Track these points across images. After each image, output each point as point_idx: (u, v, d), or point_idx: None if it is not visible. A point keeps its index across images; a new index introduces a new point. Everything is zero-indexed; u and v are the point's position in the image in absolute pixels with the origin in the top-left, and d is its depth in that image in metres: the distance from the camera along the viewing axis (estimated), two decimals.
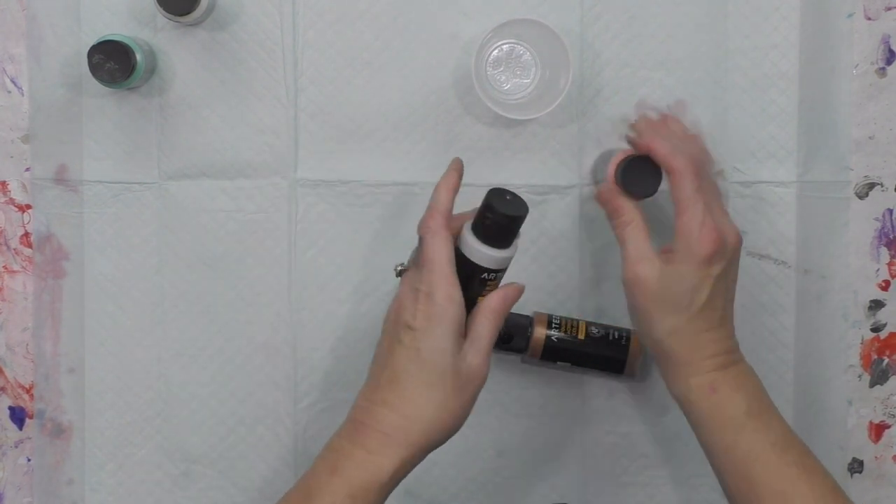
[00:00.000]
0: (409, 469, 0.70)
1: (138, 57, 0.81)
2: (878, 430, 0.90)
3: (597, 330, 0.86)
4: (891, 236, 0.90)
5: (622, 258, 0.75)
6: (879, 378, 0.90)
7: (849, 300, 0.90)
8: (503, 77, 0.87)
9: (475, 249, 0.71)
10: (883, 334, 0.90)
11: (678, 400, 0.75)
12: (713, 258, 0.72)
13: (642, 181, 0.78)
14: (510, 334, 0.85)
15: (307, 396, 0.88)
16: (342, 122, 0.87)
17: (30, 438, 0.88)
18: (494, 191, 0.71)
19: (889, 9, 0.88)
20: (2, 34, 0.87)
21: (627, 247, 0.75)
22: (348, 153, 0.87)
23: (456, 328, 0.70)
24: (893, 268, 0.90)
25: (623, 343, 0.86)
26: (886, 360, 0.90)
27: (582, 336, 0.85)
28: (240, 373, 0.88)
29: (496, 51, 0.86)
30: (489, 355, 0.71)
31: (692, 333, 0.73)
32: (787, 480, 0.71)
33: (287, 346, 0.88)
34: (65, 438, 0.88)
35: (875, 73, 0.89)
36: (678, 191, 0.74)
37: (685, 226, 0.73)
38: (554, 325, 0.85)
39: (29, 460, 0.88)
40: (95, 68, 0.80)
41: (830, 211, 0.89)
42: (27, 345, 0.88)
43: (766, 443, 0.72)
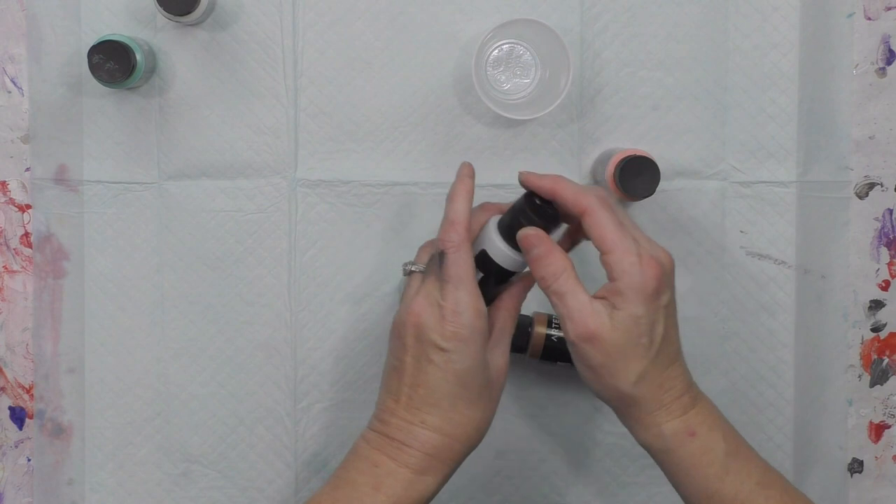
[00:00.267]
0: (448, 479, 0.72)
1: (138, 57, 0.81)
2: (878, 430, 0.90)
3: None
4: (891, 236, 0.90)
5: (561, 316, 0.68)
6: (879, 378, 0.90)
7: (849, 300, 0.90)
8: (503, 77, 0.86)
9: (506, 256, 0.71)
10: (883, 334, 0.90)
11: (651, 449, 0.70)
12: (660, 290, 0.68)
13: (641, 182, 0.78)
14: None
15: (307, 396, 0.88)
16: (342, 122, 0.87)
17: (30, 438, 0.88)
18: (527, 195, 0.71)
19: (889, 9, 0.88)
20: (2, 34, 0.87)
21: (567, 301, 0.67)
22: (348, 153, 0.87)
23: (486, 340, 0.70)
24: (893, 268, 0.90)
25: None
26: (886, 360, 0.90)
27: None
28: (240, 373, 0.88)
29: (496, 51, 0.86)
30: (509, 349, 0.73)
31: (658, 374, 0.68)
32: None
33: (287, 346, 0.88)
34: (65, 438, 0.88)
35: (875, 73, 0.89)
36: (599, 229, 0.67)
37: (621, 263, 0.67)
38: (554, 325, 0.85)
39: (29, 460, 0.88)
40: (95, 68, 0.80)
41: (830, 211, 0.89)
42: (27, 345, 0.88)
43: (752, 483, 0.69)
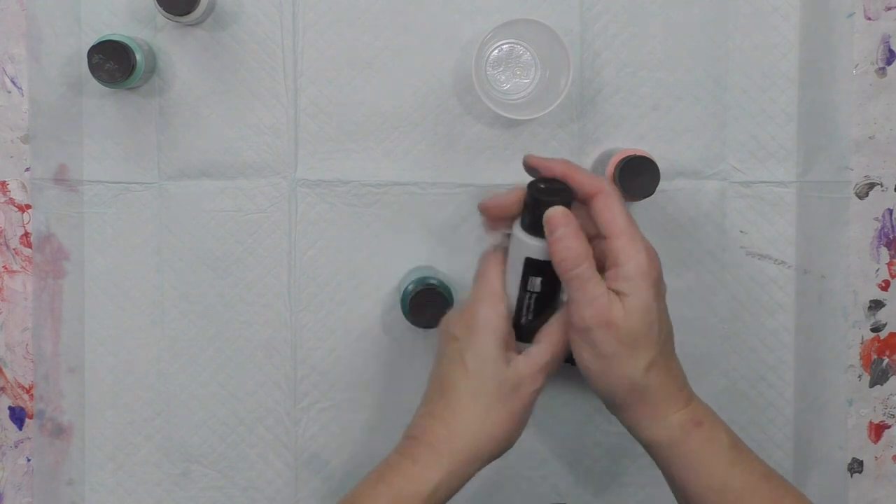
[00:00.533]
0: (458, 484, 0.69)
1: (138, 57, 0.81)
2: (878, 430, 0.90)
3: None
4: (891, 236, 0.90)
5: (577, 301, 0.67)
6: (879, 378, 0.90)
7: (849, 300, 0.90)
8: (503, 77, 0.86)
9: (531, 246, 0.71)
10: (883, 334, 0.90)
11: (658, 444, 0.69)
12: (660, 279, 0.68)
13: (641, 182, 0.78)
14: None
15: (307, 396, 0.88)
16: (342, 122, 0.87)
17: (30, 438, 0.88)
18: (531, 184, 0.71)
19: (889, 9, 0.88)
20: (2, 34, 0.86)
21: (589, 288, 0.66)
22: (348, 153, 0.87)
23: (499, 337, 0.69)
24: (893, 268, 0.90)
25: None
26: (886, 360, 0.90)
27: None
28: (240, 373, 0.88)
29: (496, 51, 0.86)
30: (545, 368, 0.71)
31: (665, 362, 0.68)
32: None
33: (287, 346, 0.88)
34: (65, 438, 0.88)
35: (875, 73, 0.89)
36: (611, 212, 0.68)
37: (629, 248, 0.67)
38: None
39: (29, 460, 0.88)
40: (95, 68, 0.80)
41: (830, 211, 0.89)
42: (27, 345, 0.88)
43: (757, 476, 0.68)
